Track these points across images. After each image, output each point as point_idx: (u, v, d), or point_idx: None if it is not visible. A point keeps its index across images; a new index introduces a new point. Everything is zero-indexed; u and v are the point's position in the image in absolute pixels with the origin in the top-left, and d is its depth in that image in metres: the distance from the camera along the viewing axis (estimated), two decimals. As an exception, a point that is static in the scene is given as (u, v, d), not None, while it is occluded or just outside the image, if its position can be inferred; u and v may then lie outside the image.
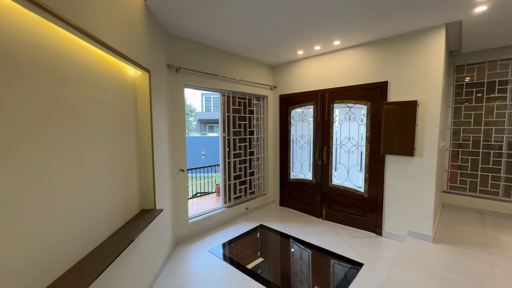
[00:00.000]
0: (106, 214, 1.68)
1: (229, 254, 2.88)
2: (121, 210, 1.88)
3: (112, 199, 1.75)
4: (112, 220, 1.76)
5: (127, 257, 1.90)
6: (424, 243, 2.83)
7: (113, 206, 1.77)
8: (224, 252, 2.92)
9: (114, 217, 1.78)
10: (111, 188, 1.74)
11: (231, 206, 3.86)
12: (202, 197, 5.36)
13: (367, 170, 3.34)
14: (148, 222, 2.00)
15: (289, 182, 4.30)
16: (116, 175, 1.81)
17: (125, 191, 1.94)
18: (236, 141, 3.95)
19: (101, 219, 1.62)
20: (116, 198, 1.81)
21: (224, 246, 3.05)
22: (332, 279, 2.42)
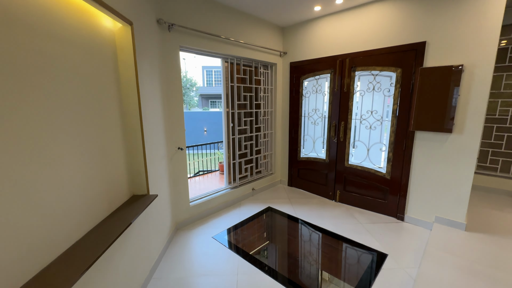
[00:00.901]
0: (80, 207, 1.31)
1: (235, 241, 2.59)
2: (103, 199, 1.52)
3: (87, 187, 1.38)
4: (91, 212, 1.40)
5: (116, 253, 1.58)
6: (455, 232, 2.50)
7: (91, 195, 1.40)
8: (229, 238, 2.63)
9: (93, 208, 1.43)
10: (86, 174, 1.36)
11: (236, 187, 3.53)
12: (204, 176, 5.06)
13: (391, 148, 2.92)
14: (139, 211, 1.66)
15: (299, 161, 3.92)
16: (92, 158, 1.42)
17: (108, 176, 1.57)
18: (241, 116, 3.51)
19: (73, 213, 1.26)
20: (95, 186, 1.44)
21: (229, 231, 2.76)
22: (354, 273, 2.13)
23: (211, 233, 2.71)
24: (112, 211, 1.62)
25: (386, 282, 1.97)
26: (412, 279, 1.99)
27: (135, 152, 1.85)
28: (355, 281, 2.02)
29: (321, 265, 2.23)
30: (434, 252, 2.17)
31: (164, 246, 2.36)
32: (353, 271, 2.15)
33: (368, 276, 2.05)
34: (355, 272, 2.14)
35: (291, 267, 2.20)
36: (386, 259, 2.25)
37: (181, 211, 2.83)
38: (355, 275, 2.10)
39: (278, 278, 2.02)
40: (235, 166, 3.51)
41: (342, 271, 2.17)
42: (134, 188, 1.92)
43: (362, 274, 2.08)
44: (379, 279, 2.00)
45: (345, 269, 2.19)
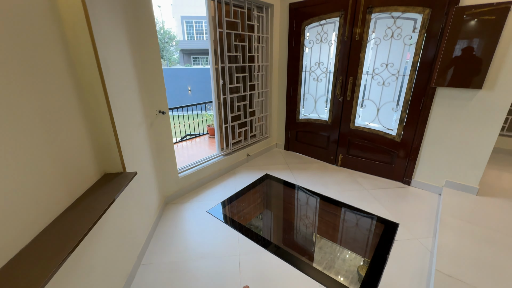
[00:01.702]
0: (18, 203, 0.90)
1: (233, 215, 2.34)
2: (57, 185, 1.10)
3: (27, 174, 0.94)
4: (39, 206, 1.00)
5: (88, 248, 1.24)
6: (467, 197, 2.36)
7: (34, 184, 0.98)
8: (226, 212, 2.37)
9: (42, 200, 1.02)
10: (21, 157, 0.91)
11: (230, 153, 3.17)
12: (192, 141, 4.63)
13: (405, 108, 2.58)
14: (113, 195, 1.28)
15: (297, 122, 3.55)
16: (29, 131, 0.95)
17: (60, 153, 1.12)
18: (233, 71, 2.96)
19: (7, 213, 0.85)
20: (38, 170, 1.00)
21: (226, 204, 2.49)
22: (365, 245, 1.97)
23: (205, 207, 2.42)
24: (76, 198, 1.22)
25: (402, 255, 1.82)
26: (428, 250, 1.85)
27: (99, 118, 1.38)
28: (370, 254, 1.86)
29: (331, 239, 2.04)
30: (450, 220, 2.02)
31: (152, 225, 2.06)
32: (366, 244, 1.99)
33: (382, 248, 1.89)
34: (368, 244, 1.98)
35: (297, 243, 2.00)
36: (398, 229, 2.09)
37: (169, 183, 2.47)
38: (369, 247, 1.94)
39: (285, 257, 1.81)
40: (228, 130, 3.09)
41: (355, 244, 1.99)
42: (105, 165, 1.49)
43: (376, 246, 1.92)
44: (394, 251, 1.85)
45: (357, 242, 2.02)
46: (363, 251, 1.91)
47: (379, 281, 1.61)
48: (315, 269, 1.72)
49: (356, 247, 1.95)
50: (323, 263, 1.78)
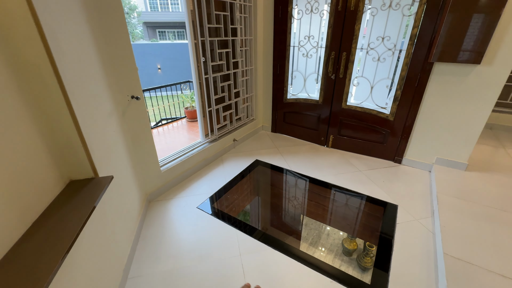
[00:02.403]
0: None
1: (227, 209, 2.14)
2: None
3: None
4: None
5: (60, 282, 0.96)
6: (457, 173, 2.40)
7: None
8: (218, 206, 2.16)
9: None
10: None
11: (215, 139, 2.89)
12: (169, 125, 4.22)
13: (400, 85, 2.48)
14: (85, 213, 0.99)
15: (285, 103, 3.33)
16: None
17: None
18: (215, 46, 2.58)
19: None
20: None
21: (217, 197, 2.27)
22: (371, 230, 1.91)
23: (194, 202, 2.18)
24: (32, 223, 0.92)
25: (406, 238, 1.79)
26: (429, 232, 1.85)
27: (53, 109, 1.03)
28: (375, 239, 1.80)
29: (337, 227, 1.95)
30: (447, 199, 2.02)
31: (136, 230, 1.79)
32: (369, 228, 1.93)
33: (386, 233, 1.85)
34: (372, 229, 1.92)
35: (301, 234, 1.88)
36: (398, 211, 2.06)
37: (151, 179, 2.17)
38: (373, 232, 1.88)
39: (290, 252, 1.68)
40: (212, 114, 2.78)
41: (358, 229, 1.93)
42: (70, 170, 1.17)
43: (380, 231, 1.87)
44: (398, 236, 1.81)
45: (361, 227, 1.96)
46: (368, 237, 1.85)
47: (389, 269, 1.56)
48: (325, 263, 1.62)
49: (363, 234, 1.89)
50: (332, 254, 1.68)
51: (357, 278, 1.52)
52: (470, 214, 1.87)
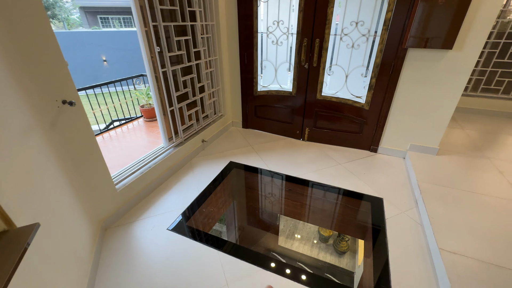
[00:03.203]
0: None
1: (204, 226, 1.84)
2: None
3: None
4: None
5: None
6: (431, 158, 2.45)
7: None
8: (193, 225, 1.84)
9: None
10: None
11: (181, 143, 2.51)
12: (123, 128, 3.64)
13: (375, 73, 2.39)
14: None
15: (256, 96, 3.06)
16: None
17: None
18: (171, 33, 2.16)
19: None
20: None
21: (190, 213, 1.94)
22: (363, 228, 1.81)
23: (163, 223, 1.83)
24: None
25: (398, 235, 1.72)
26: (418, 224, 1.81)
27: None
28: (369, 239, 1.70)
29: (330, 227, 1.80)
30: (428, 187, 2.02)
31: (89, 274, 1.39)
32: (361, 228, 1.83)
33: (377, 229, 1.76)
34: (363, 228, 1.82)
35: (292, 243, 1.69)
36: (384, 204, 2.00)
37: (104, 201, 1.74)
38: (366, 231, 1.78)
39: (286, 272, 1.48)
40: (175, 114, 2.38)
41: (351, 230, 1.81)
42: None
43: (372, 229, 1.78)
44: (390, 233, 1.74)
45: (352, 226, 1.84)
46: (362, 236, 1.74)
47: (389, 271, 1.46)
48: (324, 278, 1.45)
49: (355, 232, 1.77)
50: (332, 257, 1.53)
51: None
52: (452, 201, 1.88)
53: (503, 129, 3.11)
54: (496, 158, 2.44)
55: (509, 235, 1.58)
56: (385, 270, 1.49)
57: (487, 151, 2.58)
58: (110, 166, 1.74)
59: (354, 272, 1.52)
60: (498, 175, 2.18)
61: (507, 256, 1.44)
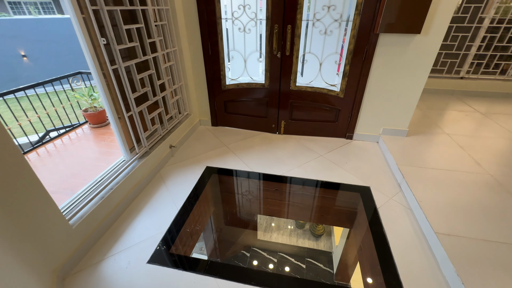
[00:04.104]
0: None
1: (192, 249, 1.58)
2: None
3: None
4: None
5: None
6: (403, 140, 2.56)
7: None
8: (179, 251, 1.57)
9: None
10: None
11: (147, 153, 2.13)
12: (64, 138, 3.01)
13: (349, 60, 2.34)
14: None
15: (225, 90, 2.78)
16: None
17: None
18: (118, 21, 1.73)
19: None
20: None
21: (171, 236, 1.65)
22: (358, 224, 1.77)
23: (140, 255, 1.51)
24: None
25: (391, 221, 1.73)
26: (407, 208, 1.85)
27: None
28: (368, 235, 1.67)
29: (327, 223, 1.71)
30: (409, 170, 2.09)
31: None
32: (357, 219, 1.79)
33: (374, 222, 1.74)
34: (360, 224, 1.78)
35: (293, 249, 1.55)
36: (372, 193, 2.00)
37: (56, 244, 1.34)
38: (363, 226, 1.75)
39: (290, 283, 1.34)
40: (135, 120, 1.98)
41: (348, 223, 1.75)
42: None
43: (368, 220, 1.75)
44: (384, 221, 1.74)
45: (349, 220, 1.79)
46: (364, 236, 1.70)
47: (395, 263, 1.45)
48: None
49: (351, 226, 1.73)
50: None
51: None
52: (432, 181, 1.97)
53: (450, 105, 3.45)
54: (454, 134, 2.68)
55: (485, 208, 1.70)
56: (391, 263, 1.47)
57: (445, 128, 2.81)
58: (54, 193, 1.34)
59: (354, 268, 1.47)
60: (460, 151, 2.37)
61: (489, 229, 1.54)
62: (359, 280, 1.41)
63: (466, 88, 3.79)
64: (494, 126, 2.84)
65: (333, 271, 1.48)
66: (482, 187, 1.90)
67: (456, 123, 2.92)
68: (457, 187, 1.91)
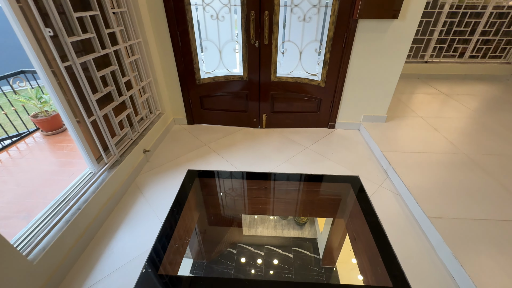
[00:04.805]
0: None
1: (187, 267, 1.41)
2: None
3: None
4: None
5: None
6: (382, 126, 2.60)
7: None
8: (168, 270, 1.39)
9: None
10: None
11: (117, 161, 1.87)
12: (12, 149, 2.56)
13: (329, 47, 2.27)
14: None
15: (199, 84, 2.56)
16: None
17: None
18: (66, 8, 1.42)
19: None
20: None
21: (158, 256, 1.46)
22: (355, 218, 1.75)
23: (123, 284, 1.31)
24: None
25: (384, 209, 1.74)
26: (396, 194, 1.88)
27: None
28: (363, 225, 1.65)
29: (323, 216, 1.66)
30: (394, 156, 2.12)
31: None
32: (355, 215, 1.76)
33: (369, 213, 1.73)
34: (355, 214, 1.76)
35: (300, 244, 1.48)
36: (361, 181, 2.00)
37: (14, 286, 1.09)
38: (356, 213, 1.73)
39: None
40: (100, 125, 1.71)
41: (344, 215, 1.72)
42: None
43: (362, 210, 1.73)
44: (377, 210, 1.73)
45: (344, 212, 1.76)
46: (360, 226, 1.68)
47: (395, 253, 1.44)
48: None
49: (346, 218, 1.70)
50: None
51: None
52: (415, 165, 2.02)
53: (418, 89, 3.62)
54: (426, 116, 2.80)
55: (466, 187, 1.78)
56: (390, 251, 1.46)
57: (418, 111, 2.93)
58: (5, 218, 1.08)
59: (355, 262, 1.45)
60: (435, 133, 2.48)
61: (474, 208, 1.62)
62: (363, 271, 1.39)
63: (430, 71, 4.01)
64: (460, 107, 3.03)
65: (334, 267, 1.44)
66: (460, 166, 2.00)
67: (427, 106, 3.06)
68: (438, 169, 1.98)
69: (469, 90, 3.58)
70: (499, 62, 3.98)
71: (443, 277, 1.33)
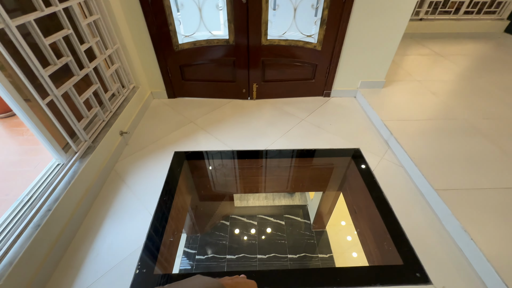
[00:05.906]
0: None
1: (186, 263, 1.29)
2: None
3: None
4: None
5: None
6: (381, 92, 2.45)
7: None
8: (166, 268, 1.26)
9: None
10: None
11: (90, 148, 1.59)
12: (-42, 141, 2.16)
13: (328, 2, 1.96)
14: None
15: (178, 51, 2.19)
16: None
17: None
18: None
19: None
20: None
21: (152, 253, 1.31)
22: (356, 185, 1.67)
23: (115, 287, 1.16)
24: None
25: (388, 183, 1.67)
26: (399, 166, 1.81)
27: None
28: (366, 193, 1.58)
29: (326, 190, 1.57)
30: (395, 125, 2.01)
31: None
32: (358, 189, 1.68)
33: (373, 188, 1.65)
34: (359, 188, 1.68)
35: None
36: (363, 154, 1.90)
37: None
38: (359, 185, 1.65)
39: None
40: (60, 106, 1.39)
41: (349, 190, 1.64)
42: None
43: (368, 188, 1.66)
44: (381, 183, 1.66)
45: (347, 184, 1.68)
46: (363, 199, 1.61)
47: (402, 228, 1.40)
48: (351, 269, 1.26)
49: (355, 197, 1.62)
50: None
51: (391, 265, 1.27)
52: (418, 133, 1.93)
53: (412, 49, 3.43)
54: (424, 80, 2.66)
55: (469, 155, 1.73)
56: (397, 226, 1.41)
57: (414, 74, 2.78)
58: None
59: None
60: (433, 97, 2.37)
61: (478, 177, 1.57)
62: (371, 245, 1.34)
63: (424, 30, 3.79)
64: (455, 68, 2.92)
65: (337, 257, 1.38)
66: (461, 133, 1.93)
67: (422, 68, 2.92)
68: (440, 137, 1.90)
69: (462, 49, 3.45)
70: (493, 18, 3.83)
71: (452, 251, 1.31)
